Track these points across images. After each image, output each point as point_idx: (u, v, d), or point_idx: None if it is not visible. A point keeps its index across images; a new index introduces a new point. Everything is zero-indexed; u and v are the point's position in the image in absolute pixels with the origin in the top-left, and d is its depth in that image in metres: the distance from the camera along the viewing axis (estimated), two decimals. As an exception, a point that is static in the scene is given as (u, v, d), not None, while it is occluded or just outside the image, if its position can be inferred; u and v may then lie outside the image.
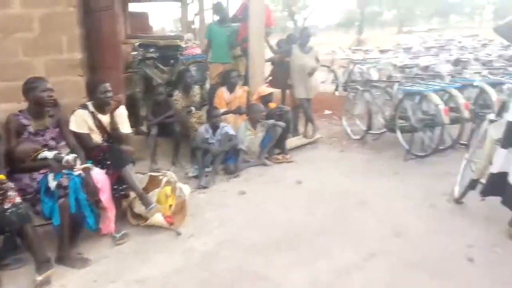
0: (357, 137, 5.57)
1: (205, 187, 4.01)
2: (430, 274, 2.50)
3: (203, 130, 4.55)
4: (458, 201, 3.41)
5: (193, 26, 13.04)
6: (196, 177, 4.25)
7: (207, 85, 6.32)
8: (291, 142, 5.28)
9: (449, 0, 42.63)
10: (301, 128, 5.78)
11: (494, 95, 4.62)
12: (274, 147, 4.91)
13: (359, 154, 5.05)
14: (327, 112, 7.14)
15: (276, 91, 6.30)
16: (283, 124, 4.84)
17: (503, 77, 5.05)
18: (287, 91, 6.14)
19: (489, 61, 6.25)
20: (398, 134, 4.87)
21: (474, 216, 3.17)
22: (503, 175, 2.82)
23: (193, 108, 5.13)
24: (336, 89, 8.94)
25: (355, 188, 3.90)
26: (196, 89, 5.36)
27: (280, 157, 4.85)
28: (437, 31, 23.62)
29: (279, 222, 3.25)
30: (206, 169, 4.30)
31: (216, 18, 6.47)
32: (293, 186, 4.03)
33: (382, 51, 9.33)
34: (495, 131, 3.08)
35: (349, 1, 41.73)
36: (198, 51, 7.59)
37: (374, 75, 6.73)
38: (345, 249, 2.83)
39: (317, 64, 5.67)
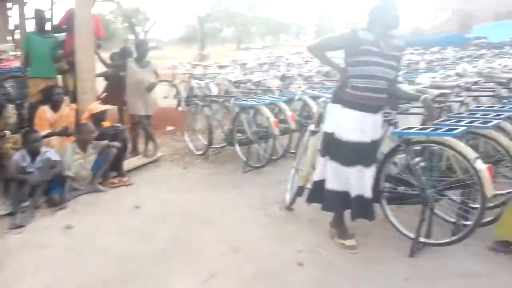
0: (200, 152, 5.57)
1: (21, 226, 3.38)
2: (266, 284, 2.58)
3: (18, 157, 3.88)
4: (289, 207, 3.65)
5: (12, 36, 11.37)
6: (10, 214, 3.57)
7: (27, 104, 5.51)
8: (129, 162, 4.95)
9: (279, 20, 47.75)
10: (141, 147, 5.50)
11: (314, 107, 5.18)
12: (110, 170, 4.51)
13: (202, 169, 5.05)
14: (170, 128, 6.99)
15: (112, 108, 5.90)
16: (118, 144, 4.49)
17: (320, 90, 5.71)
18: (125, 108, 5.79)
19: (310, 77, 7.02)
20: (237, 147, 5.05)
21: (303, 221, 3.42)
22: (322, 182, 3.04)
23: (7, 132, 4.40)
24: (179, 104, 8.89)
25: (196, 205, 3.84)
26: (10, 109, 4.62)
27: (116, 180, 4.46)
28: (270, 48, 25.97)
29: (112, 256, 2.93)
30: (23, 204, 3.65)
31: (37, 27, 5.75)
32: (130, 212, 3.73)
33: (220, 67, 9.65)
34: (317, 141, 3.35)
35: (191, 17, 42.67)
36: (16, 64, 6.59)
37: (214, 90, 6.88)
38: (185, 274, 2.72)
39: (156, 78, 5.48)
